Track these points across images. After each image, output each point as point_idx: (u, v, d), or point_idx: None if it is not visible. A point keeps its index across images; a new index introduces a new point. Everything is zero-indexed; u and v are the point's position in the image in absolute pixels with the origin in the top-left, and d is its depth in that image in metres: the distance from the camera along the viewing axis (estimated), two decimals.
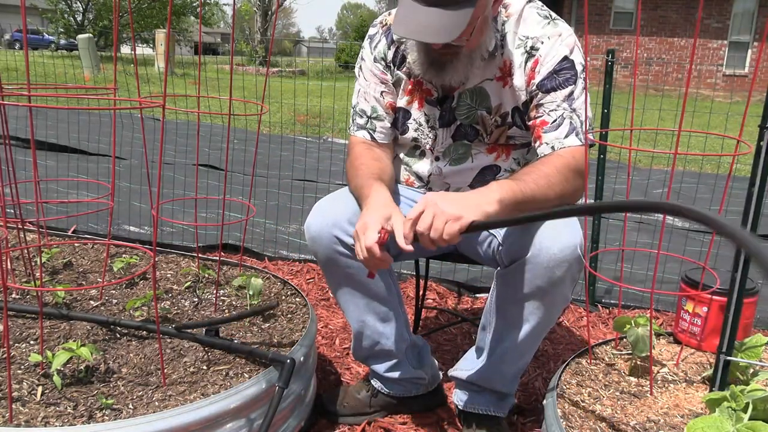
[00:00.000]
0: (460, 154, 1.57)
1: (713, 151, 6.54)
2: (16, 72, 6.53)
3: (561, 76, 1.40)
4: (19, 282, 1.73)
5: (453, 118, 1.54)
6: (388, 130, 1.60)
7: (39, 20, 24.81)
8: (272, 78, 9.76)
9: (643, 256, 2.96)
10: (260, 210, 3.51)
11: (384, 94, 1.58)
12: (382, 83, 1.57)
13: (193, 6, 23.59)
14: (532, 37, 1.43)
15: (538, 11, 1.46)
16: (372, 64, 1.57)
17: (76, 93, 4.69)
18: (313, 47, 34.79)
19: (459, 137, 1.55)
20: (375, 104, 1.58)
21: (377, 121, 1.58)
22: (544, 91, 1.42)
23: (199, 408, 1.19)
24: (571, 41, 1.42)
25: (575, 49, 1.42)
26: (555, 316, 1.44)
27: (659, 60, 17.38)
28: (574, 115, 1.40)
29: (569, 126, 1.40)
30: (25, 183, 2.20)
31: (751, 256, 0.56)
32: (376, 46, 1.57)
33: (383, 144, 1.60)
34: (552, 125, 1.41)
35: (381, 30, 1.58)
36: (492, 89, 1.49)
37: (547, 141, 1.41)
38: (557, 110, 1.41)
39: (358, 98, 1.61)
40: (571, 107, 1.40)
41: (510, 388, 1.56)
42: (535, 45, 1.42)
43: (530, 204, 1.31)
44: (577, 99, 1.41)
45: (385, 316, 1.54)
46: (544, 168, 1.36)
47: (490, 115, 1.51)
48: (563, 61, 1.40)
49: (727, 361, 1.26)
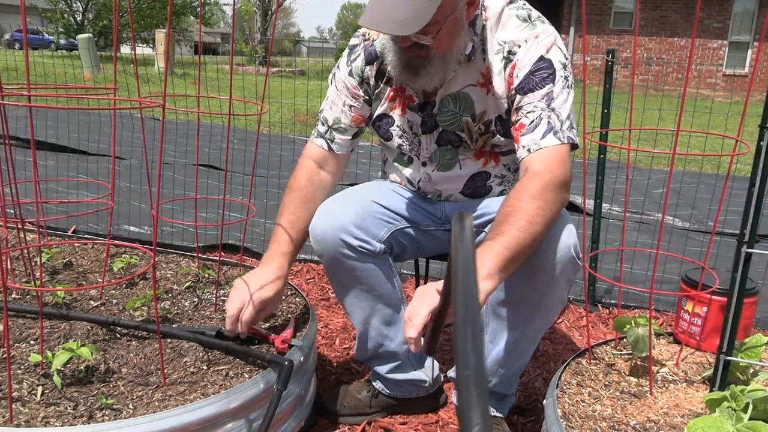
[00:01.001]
0: (447, 160, 1.54)
1: (713, 151, 6.54)
2: (16, 72, 6.53)
3: (537, 76, 1.36)
4: (19, 282, 1.73)
5: (435, 125, 1.51)
6: (347, 142, 1.59)
7: (39, 20, 24.81)
8: (272, 78, 9.75)
9: (643, 256, 2.96)
10: (260, 210, 3.51)
11: (352, 108, 1.56)
12: (353, 97, 1.55)
13: (193, 6, 23.58)
14: (509, 41, 1.39)
15: (518, 12, 1.41)
16: (346, 76, 1.55)
17: (76, 93, 4.69)
18: (313, 47, 34.80)
19: (443, 143, 1.53)
20: (339, 115, 1.56)
21: (337, 133, 1.57)
22: (521, 94, 1.37)
23: (199, 408, 1.19)
24: (548, 41, 1.37)
25: (553, 48, 1.37)
26: (551, 318, 1.44)
27: (659, 60, 17.37)
28: (552, 114, 1.34)
29: (546, 126, 1.33)
30: (25, 183, 2.20)
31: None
32: (354, 60, 1.54)
33: (338, 155, 1.59)
34: (529, 127, 1.35)
35: (362, 44, 1.54)
36: (476, 95, 1.45)
37: (524, 144, 1.35)
38: (534, 111, 1.35)
39: (325, 106, 1.60)
40: (549, 107, 1.34)
41: (509, 388, 1.56)
42: (512, 50, 1.39)
43: (523, 252, 1.22)
44: (556, 98, 1.35)
45: (389, 318, 1.55)
46: (520, 204, 1.25)
47: (474, 122, 1.47)
48: (539, 61, 1.36)
49: (727, 361, 1.26)
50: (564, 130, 1.33)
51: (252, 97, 7.23)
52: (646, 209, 3.95)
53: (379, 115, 1.56)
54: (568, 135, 1.33)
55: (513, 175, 1.57)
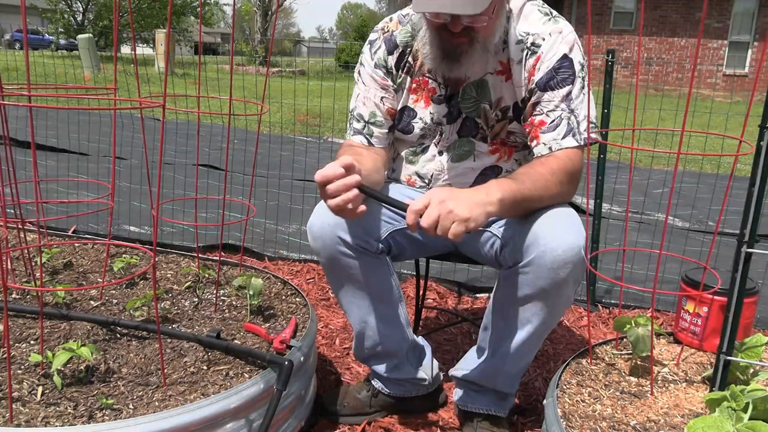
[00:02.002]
0: (464, 151, 1.56)
1: (713, 150, 6.54)
2: (16, 72, 6.53)
3: (560, 75, 1.40)
4: (19, 282, 1.73)
5: (459, 112, 1.54)
6: (385, 135, 1.59)
7: (39, 20, 24.80)
8: (272, 78, 9.76)
9: (643, 256, 2.96)
10: (260, 210, 3.51)
11: (384, 100, 1.57)
12: (383, 89, 1.56)
13: (193, 6, 23.58)
14: (533, 33, 1.43)
15: (539, 8, 1.46)
16: (372, 69, 1.56)
17: (77, 93, 4.69)
18: (313, 47, 34.81)
19: (464, 133, 1.55)
20: (374, 109, 1.57)
21: (375, 127, 1.57)
22: (542, 89, 1.42)
23: (199, 408, 1.19)
24: (571, 39, 1.42)
25: (575, 47, 1.42)
26: (557, 318, 1.44)
27: (659, 60, 17.37)
28: (572, 116, 1.40)
29: (567, 127, 1.40)
30: (25, 183, 2.20)
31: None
32: (376, 51, 1.56)
33: (377, 147, 1.59)
34: (550, 125, 1.41)
35: (382, 36, 1.57)
36: (493, 82, 1.49)
37: (545, 141, 1.41)
38: (555, 110, 1.41)
39: (356, 103, 1.59)
40: (569, 108, 1.40)
41: (511, 388, 1.56)
42: (536, 41, 1.42)
43: (526, 204, 1.32)
44: (575, 99, 1.41)
45: (387, 317, 1.54)
46: (541, 169, 1.37)
47: (491, 109, 1.51)
48: (563, 59, 1.40)
49: (727, 361, 1.26)
50: (581, 132, 1.41)
51: (252, 97, 7.23)
52: (646, 209, 3.95)
53: (402, 108, 1.58)
54: (584, 137, 1.41)
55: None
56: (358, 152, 1.52)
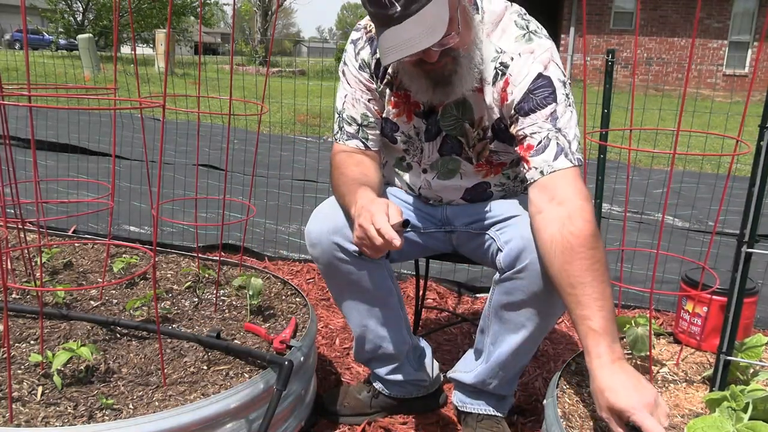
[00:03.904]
0: (449, 169, 1.52)
1: (713, 150, 6.55)
2: (17, 72, 6.53)
3: (538, 95, 1.31)
4: (19, 282, 1.73)
5: (438, 130, 1.48)
6: (378, 137, 1.53)
7: (39, 20, 24.79)
8: (272, 78, 9.76)
9: (643, 256, 2.96)
10: (260, 210, 3.51)
11: (371, 101, 1.50)
12: (368, 91, 1.49)
13: (193, 6, 23.57)
14: (505, 51, 1.35)
15: (517, 20, 1.38)
16: (357, 71, 1.48)
17: (77, 93, 4.69)
18: (313, 47, 34.80)
19: (446, 151, 1.50)
20: (365, 111, 1.50)
21: (369, 129, 1.51)
22: (523, 114, 1.32)
23: (199, 408, 1.19)
24: (545, 57, 1.33)
25: (550, 64, 1.33)
26: (552, 322, 1.44)
27: (659, 60, 17.37)
28: (560, 135, 1.30)
29: (556, 147, 1.29)
30: (25, 183, 2.20)
31: None
32: (359, 52, 1.48)
33: (374, 150, 1.53)
34: (538, 148, 1.30)
35: (365, 36, 1.49)
36: (474, 100, 1.42)
37: (536, 165, 1.30)
38: (541, 132, 1.30)
39: (345, 104, 1.51)
40: (555, 127, 1.30)
41: (509, 389, 1.56)
42: (505, 61, 1.35)
43: (609, 289, 1.21)
44: (561, 117, 1.30)
45: (386, 320, 1.54)
46: (595, 265, 1.20)
47: (472, 128, 1.45)
48: (538, 79, 1.31)
49: (727, 361, 1.26)
50: (573, 151, 1.30)
51: (252, 97, 7.23)
52: (646, 209, 3.95)
53: (384, 118, 1.53)
54: (577, 157, 1.31)
55: (513, 182, 1.57)
56: (360, 161, 1.48)
